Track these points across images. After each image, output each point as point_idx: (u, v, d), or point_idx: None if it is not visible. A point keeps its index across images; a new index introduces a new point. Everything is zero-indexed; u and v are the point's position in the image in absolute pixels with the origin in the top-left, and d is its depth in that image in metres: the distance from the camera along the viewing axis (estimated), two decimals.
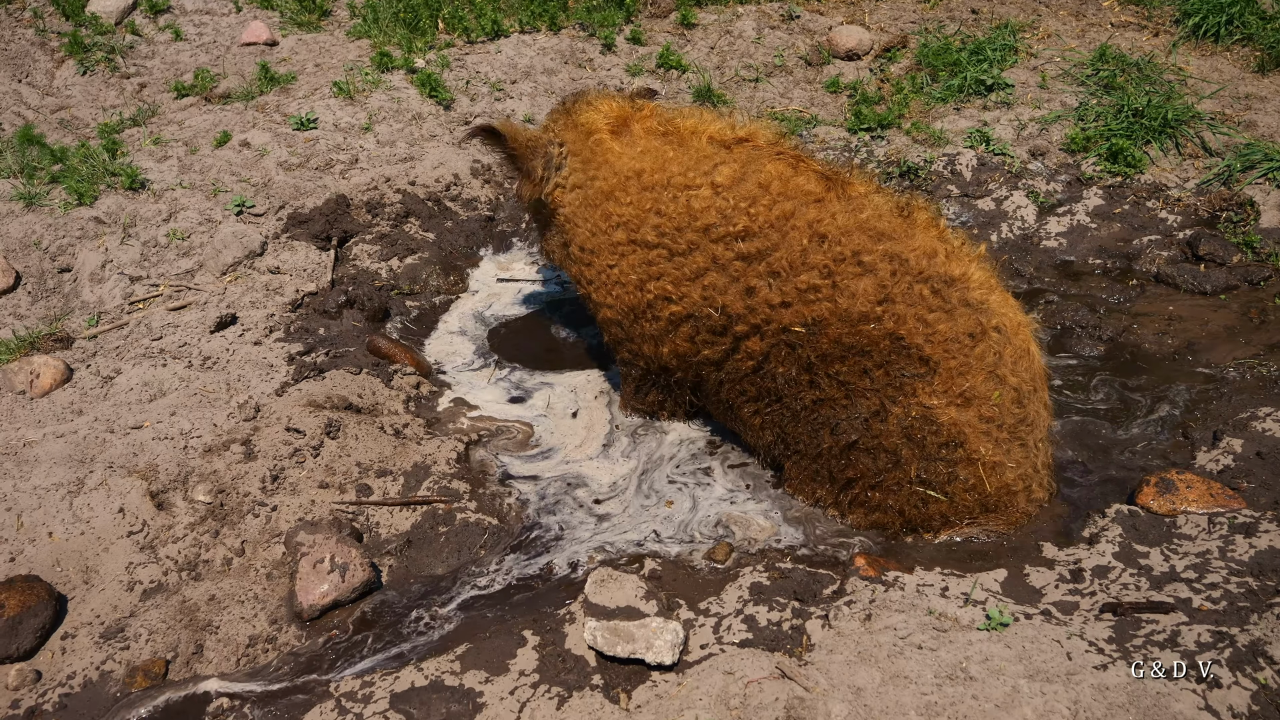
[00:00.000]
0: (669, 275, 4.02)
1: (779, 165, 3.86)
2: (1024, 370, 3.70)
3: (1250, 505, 3.66)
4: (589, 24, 7.93)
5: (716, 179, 3.89)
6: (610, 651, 3.15)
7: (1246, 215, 5.69)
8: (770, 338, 3.87)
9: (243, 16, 8.08)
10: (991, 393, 3.63)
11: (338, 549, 3.68)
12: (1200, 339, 4.92)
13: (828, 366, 3.77)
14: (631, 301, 4.17)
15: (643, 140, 4.13)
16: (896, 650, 3.04)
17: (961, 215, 6.08)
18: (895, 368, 3.66)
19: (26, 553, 3.75)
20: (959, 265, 3.68)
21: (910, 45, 7.60)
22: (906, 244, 3.67)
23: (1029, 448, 3.77)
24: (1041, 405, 3.82)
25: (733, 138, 3.99)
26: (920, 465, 3.72)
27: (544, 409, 4.83)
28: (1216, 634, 2.98)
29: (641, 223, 4.04)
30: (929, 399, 3.65)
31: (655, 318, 4.13)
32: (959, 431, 3.65)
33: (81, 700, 3.30)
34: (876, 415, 3.74)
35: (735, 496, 4.26)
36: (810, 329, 3.76)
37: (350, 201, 6.09)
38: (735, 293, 3.88)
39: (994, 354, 3.64)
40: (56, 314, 5.33)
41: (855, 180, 3.86)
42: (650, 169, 4.03)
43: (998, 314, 3.68)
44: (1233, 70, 6.90)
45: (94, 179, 6.03)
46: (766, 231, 3.79)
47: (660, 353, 4.23)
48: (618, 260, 4.16)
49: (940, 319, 3.62)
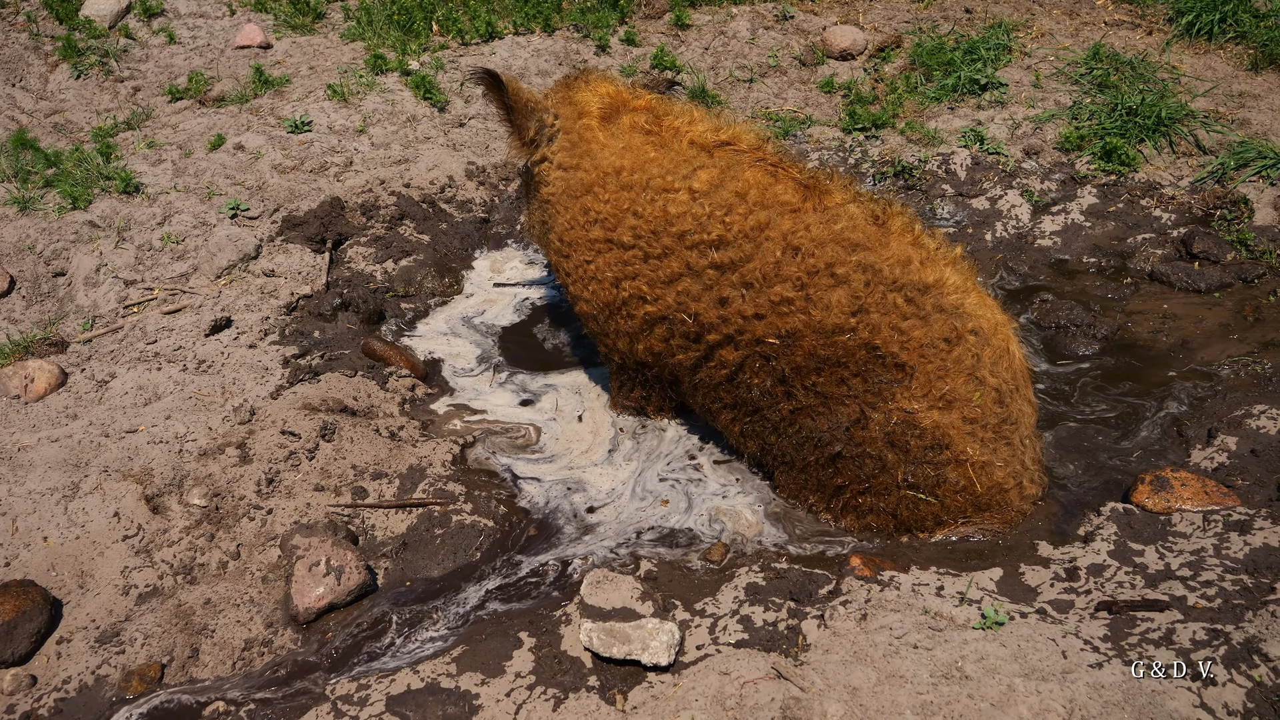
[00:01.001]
0: (644, 276, 4.01)
1: (757, 173, 3.83)
2: (1004, 370, 3.70)
3: (1245, 502, 3.67)
4: (583, 25, 7.93)
5: (694, 184, 3.86)
6: (606, 653, 3.15)
7: (1240, 213, 5.70)
8: (744, 348, 3.85)
9: (236, 20, 8.07)
10: (973, 394, 3.64)
11: (333, 552, 3.68)
12: (1195, 336, 4.93)
13: (803, 379, 3.78)
14: (607, 298, 4.16)
15: (626, 135, 4.09)
16: (892, 650, 3.04)
17: (956, 214, 6.08)
18: (873, 375, 3.67)
19: (21, 557, 3.74)
20: (933, 271, 3.67)
21: (904, 45, 7.61)
22: (880, 253, 3.66)
23: (1015, 445, 3.77)
24: (1025, 402, 3.82)
25: (714, 141, 3.96)
26: (907, 469, 3.73)
27: (540, 410, 4.82)
28: (1211, 631, 2.99)
29: (619, 222, 4.02)
30: (909, 403, 3.65)
31: (630, 315, 4.12)
32: (943, 434, 3.65)
33: (77, 705, 3.30)
34: (858, 423, 3.74)
35: (726, 490, 4.28)
36: (784, 341, 3.75)
37: (345, 204, 6.09)
38: (709, 301, 3.86)
39: (972, 356, 3.64)
40: (51, 318, 5.33)
41: (834, 188, 3.84)
42: (630, 167, 4.01)
43: (974, 316, 3.67)
44: (1226, 68, 6.92)
45: (88, 183, 6.02)
46: (740, 241, 3.77)
47: (635, 349, 4.23)
48: (594, 257, 4.14)
49: (915, 326, 3.62)
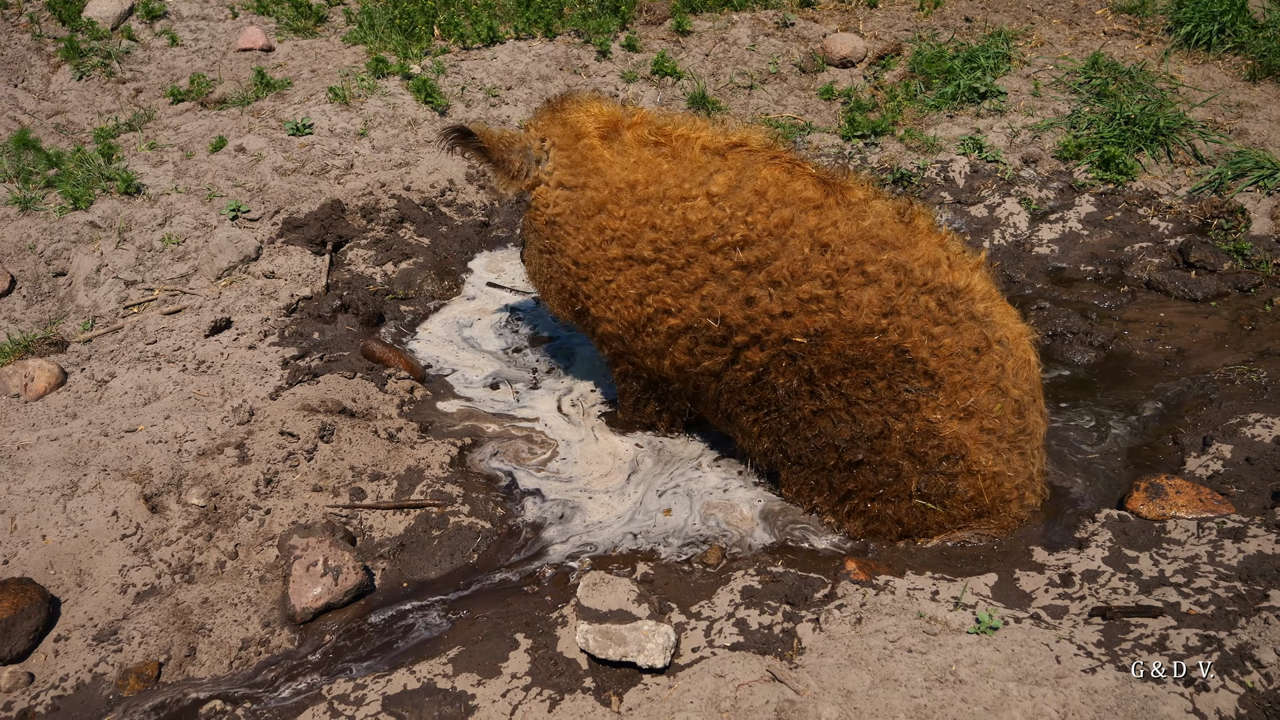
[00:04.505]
0: (668, 289, 3.92)
1: (774, 170, 3.77)
2: (1025, 381, 3.67)
3: (1239, 510, 3.69)
4: (584, 31, 7.96)
5: (712, 188, 3.78)
6: (602, 654, 3.16)
7: (1237, 222, 5.73)
8: (770, 348, 3.77)
9: (239, 22, 8.10)
10: (994, 405, 3.61)
11: (331, 552, 3.69)
12: (1191, 345, 4.95)
13: (829, 378, 3.70)
14: (631, 316, 4.07)
15: (635, 150, 4.01)
16: (887, 653, 3.05)
17: (954, 222, 6.11)
18: (898, 380, 3.60)
19: (20, 555, 3.75)
20: (962, 275, 3.62)
21: (904, 53, 7.64)
22: (910, 253, 3.59)
23: (1028, 456, 3.76)
24: (1039, 414, 3.80)
25: (725, 144, 3.89)
26: (921, 479, 3.70)
27: (533, 408, 4.84)
28: (1205, 638, 3.00)
29: (637, 238, 3.93)
30: (933, 414, 3.60)
31: (655, 332, 4.03)
32: (960, 444, 3.62)
33: (74, 703, 3.31)
34: (880, 435, 3.68)
35: (728, 484, 4.34)
36: (812, 340, 3.66)
37: (345, 206, 6.11)
38: (734, 303, 3.78)
39: (997, 367, 3.60)
40: (51, 318, 5.34)
41: (853, 185, 3.77)
42: (644, 180, 3.92)
43: (1001, 326, 3.64)
44: (1224, 79, 6.95)
45: (89, 183, 6.04)
46: (765, 240, 3.69)
47: (661, 365, 4.15)
48: (614, 275, 4.05)
49: (946, 333, 3.57)
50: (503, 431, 4.68)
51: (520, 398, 4.95)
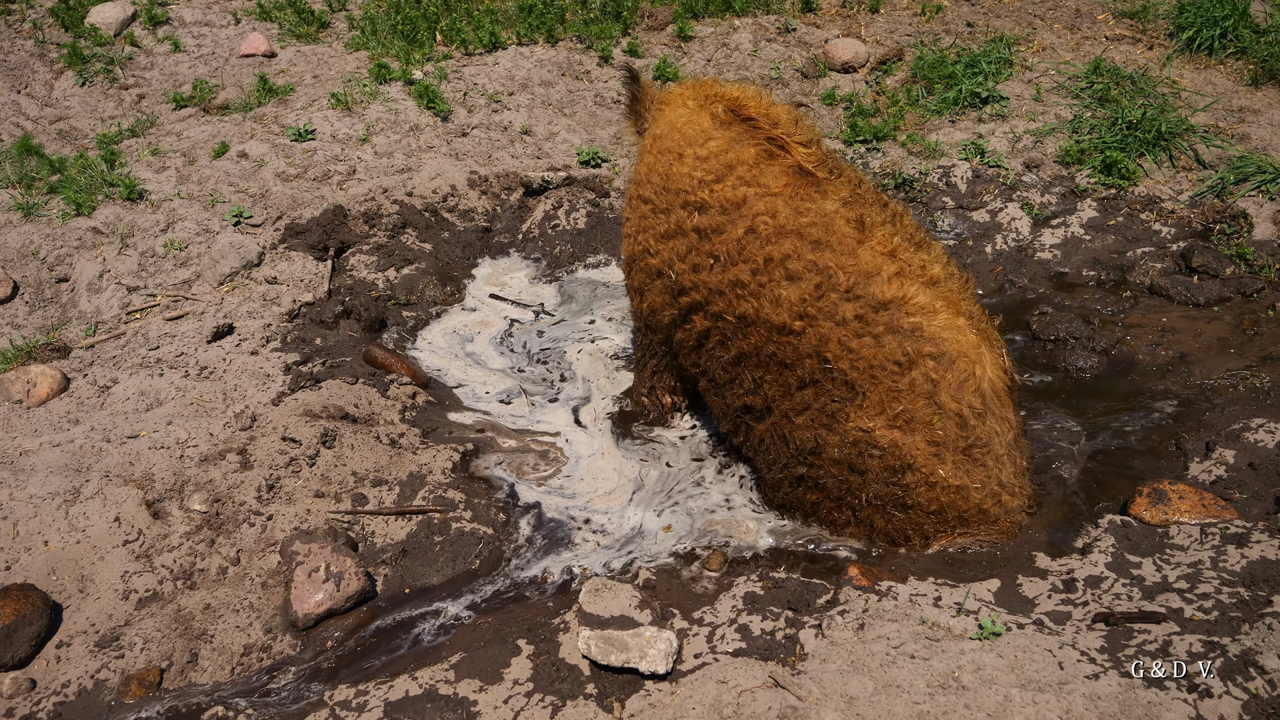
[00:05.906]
0: (652, 230, 4.17)
1: (755, 150, 3.82)
2: (969, 394, 3.55)
3: (1242, 516, 3.68)
4: (586, 36, 7.97)
5: (700, 151, 3.96)
6: (604, 661, 3.16)
7: (1239, 227, 5.72)
8: (709, 320, 3.98)
9: (241, 28, 8.12)
10: (932, 418, 3.55)
11: (333, 558, 3.69)
12: (1193, 350, 4.94)
13: (754, 370, 3.82)
14: (631, 249, 4.37)
15: (681, 109, 4.19)
16: (889, 659, 3.05)
17: (956, 227, 6.11)
18: (822, 389, 3.64)
19: (22, 561, 3.75)
20: (899, 287, 3.52)
21: (906, 58, 7.64)
22: (843, 259, 3.56)
23: (989, 466, 3.67)
24: (999, 421, 3.66)
25: (734, 117, 3.96)
26: (872, 490, 3.70)
27: (534, 413, 4.84)
28: (1208, 644, 2.99)
29: (646, 180, 4.21)
30: (864, 420, 3.60)
31: (642, 269, 4.30)
32: (907, 455, 3.59)
33: (76, 709, 3.31)
34: (814, 450, 3.77)
35: (733, 499, 4.29)
36: (738, 323, 3.82)
37: (347, 212, 6.11)
38: (687, 264, 4.00)
39: (928, 381, 3.52)
40: (54, 324, 5.35)
41: (837, 183, 3.74)
42: (665, 134, 4.15)
43: (936, 339, 3.52)
44: (1226, 83, 6.95)
45: (92, 189, 6.05)
46: (718, 211, 3.86)
47: (641, 307, 4.42)
48: (634, 210, 4.34)
49: (866, 345, 3.54)
50: (506, 434, 4.68)
51: (535, 403, 4.97)
